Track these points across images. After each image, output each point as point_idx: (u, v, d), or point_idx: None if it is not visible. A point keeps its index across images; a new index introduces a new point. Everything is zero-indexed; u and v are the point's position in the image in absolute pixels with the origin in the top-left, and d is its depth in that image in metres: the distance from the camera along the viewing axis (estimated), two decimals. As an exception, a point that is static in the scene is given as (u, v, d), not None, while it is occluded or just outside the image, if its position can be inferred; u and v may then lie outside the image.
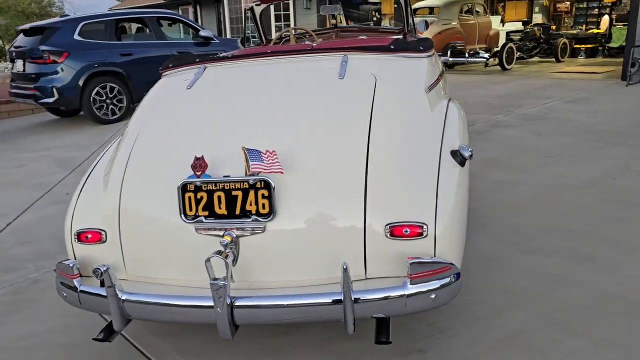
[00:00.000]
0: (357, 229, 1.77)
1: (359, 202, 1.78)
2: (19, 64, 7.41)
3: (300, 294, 1.72)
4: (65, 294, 1.93)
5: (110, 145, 2.38)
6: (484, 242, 2.86)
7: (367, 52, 2.40)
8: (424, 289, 1.68)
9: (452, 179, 1.92)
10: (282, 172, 1.75)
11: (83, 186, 2.14)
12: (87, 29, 7.38)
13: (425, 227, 1.75)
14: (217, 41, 8.58)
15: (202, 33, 8.42)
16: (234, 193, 1.75)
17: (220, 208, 1.77)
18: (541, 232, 2.95)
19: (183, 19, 8.77)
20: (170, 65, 2.72)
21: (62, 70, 7.08)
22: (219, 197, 1.76)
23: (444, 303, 1.74)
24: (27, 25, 7.71)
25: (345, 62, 2.28)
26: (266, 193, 1.74)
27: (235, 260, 1.78)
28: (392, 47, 2.44)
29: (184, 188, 1.78)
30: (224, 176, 1.77)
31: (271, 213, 1.74)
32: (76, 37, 7.27)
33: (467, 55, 12.25)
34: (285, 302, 1.70)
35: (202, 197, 1.77)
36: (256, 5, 4.33)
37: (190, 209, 1.78)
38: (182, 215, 1.79)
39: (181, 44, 8.33)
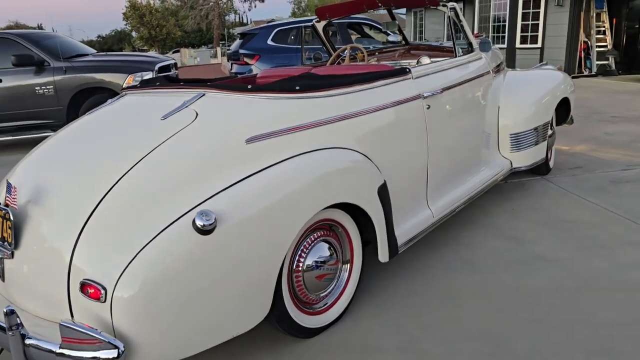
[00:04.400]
0: (63, 277, 1.81)
1: (68, 251, 1.81)
2: (230, 64, 8.88)
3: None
4: None
5: None
6: (376, 326, 2.34)
7: (225, 91, 2.24)
8: (68, 354, 1.63)
9: (175, 246, 1.76)
10: (15, 208, 1.92)
11: None
12: (279, 35, 8.31)
13: (103, 291, 1.68)
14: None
15: (390, 38, 8.44)
16: (-2, 219, 2.01)
17: (-6, 230, 2.05)
18: (462, 336, 2.24)
19: (372, 24, 8.93)
20: (137, 85, 3.01)
21: (252, 71, 8.16)
22: (-7, 220, 2.04)
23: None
24: (239, 29, 9.13)
25: (189, 101, 2.20)
26: (10, 224, 1.93)
27: (1, 277, 2.05)
28: (249, 87, 2.22)
29: (-19, 207, 2.12)
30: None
31: (12, 243, 1.93)
32: (269, 42, 8.28)
33: None
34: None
35: (-11, 217, 2.08)
36: (316, 22, 4.26)
37: (-15, 226, 2.12)
38: (-19, 229, 2.14)
39: (365, 49, 8.54)
